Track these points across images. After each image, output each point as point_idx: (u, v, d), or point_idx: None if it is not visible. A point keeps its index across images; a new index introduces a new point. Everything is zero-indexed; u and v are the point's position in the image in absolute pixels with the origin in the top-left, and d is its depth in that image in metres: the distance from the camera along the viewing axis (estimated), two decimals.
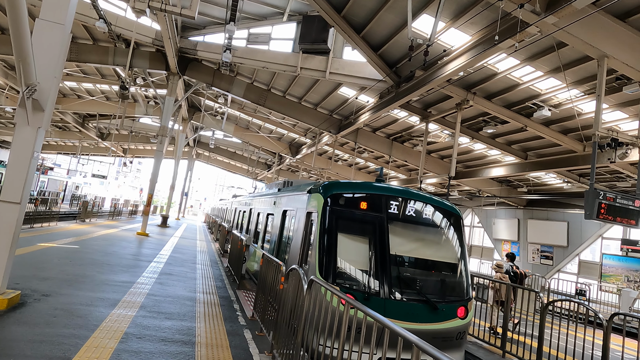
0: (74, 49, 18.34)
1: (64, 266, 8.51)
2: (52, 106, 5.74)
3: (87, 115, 33.55)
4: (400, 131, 20.53)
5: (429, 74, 12.87)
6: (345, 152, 27.05)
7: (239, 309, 7.32)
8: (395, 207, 6.50)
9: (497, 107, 14.07)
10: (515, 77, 12.55)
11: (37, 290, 6.30)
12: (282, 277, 5.32)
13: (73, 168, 49.58)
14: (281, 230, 9.07)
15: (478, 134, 17.15)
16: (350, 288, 5.89)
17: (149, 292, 7.41)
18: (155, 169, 19.72)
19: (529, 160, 18.07)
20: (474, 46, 10.93)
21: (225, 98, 24.41)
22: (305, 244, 6.99)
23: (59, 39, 5.63)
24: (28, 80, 5.14)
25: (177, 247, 15.82)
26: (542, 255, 23.60)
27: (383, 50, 13.56)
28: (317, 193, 6.75)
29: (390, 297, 5.88)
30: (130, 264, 10.09)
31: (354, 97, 17.94)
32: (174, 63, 17.87)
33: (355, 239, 6.34)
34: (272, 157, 38.12)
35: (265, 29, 16.92)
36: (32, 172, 5.50)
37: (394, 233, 6.33)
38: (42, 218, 16.30)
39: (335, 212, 6.31)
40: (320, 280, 4.32)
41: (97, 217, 24.48)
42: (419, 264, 6.38)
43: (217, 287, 9.09)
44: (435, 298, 6.11)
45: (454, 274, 6.58)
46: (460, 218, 7.04)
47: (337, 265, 6.01)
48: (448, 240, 6.77)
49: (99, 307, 5.98)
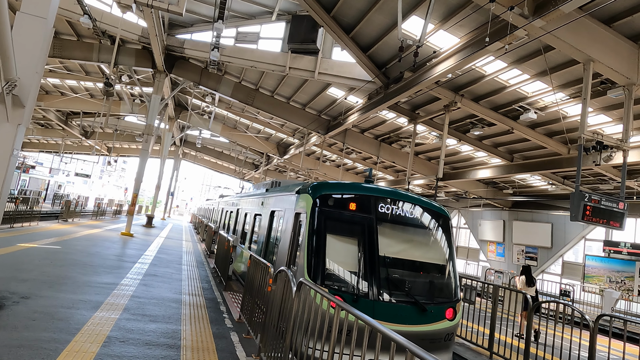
0: (57, 44, 17.94)
1: (44, 267, 8.27)
2: (33, 102, 5.56)
3: (71, 113, 32.92)
4: (388, 132, 20.59)
5: (417, 75, 12.91)
6: (334, 152, 27.04)
7: (226, 311, 7.20)
8: (384, 208, 6.46)
9: (485, 109, 14.19)
10: (503, 79, 12.67)
11: (15, 293, 6.09)
12: (270, 279, 5.23)
13: (56, 167, 48.57)
14: (269, 231, 8.98)
15: (465, 136, 17.29)
16: (339, 290, 5.83)
17: (133, 294, 7.24)
18: (140, 168, 19.41)
19: (514, 162, 18.29)
20: (463, 48, 10.99)
21: (213, 97, 24.17)
22: (294, 245, 6.91)
23: (40, 33, 5.46)
24: (8, 75, 4.96)
25: (162, 247, 15.57)
26: (526, 256, 23.90)
27: (372, 51, 13.56)
28: (306, 194, 6.68)
29: (379, 298, 5.84)
30: (113, 265, 9.88)
31: (342, 98, 17.92)
32: (160, 61, 17.61)
33: (344, 240, 6.29)
34: (260, 157, 37.92)
35: (254, 28, 16.78)
36: (11, 170, 5.31)
37: (382, 234, 6.30)
38: (23, 218, 15.90)
39: (324, 213, 6.25)
40: (309, 282, 4.25)
41: (80, 217, 24.01)
42: (407, 265, 6.35)
43: (203, 288, 8.94)
44: (424, 299, 6.09)
45: (442, 275, 6.57)
46: (449, 219, 7.04)
47: (325, 267, 5.95)
48: (436, 242, 6.77)
49: (80, 309, 5.81)
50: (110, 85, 13.53)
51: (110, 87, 13.58)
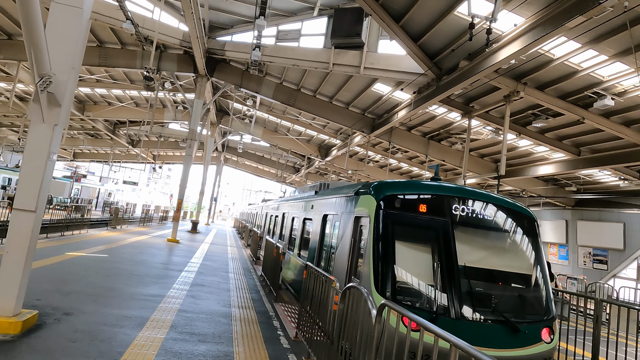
0: (102, 53, 18.17)
1: (90, 278, 7.92)
2: (71, 101, 5.09)
3: (118, 122, 33.83)
4: (437, 129, 19.39)
5: (475, 64, 11.79)
6: (377, 152, 26.02)
7: (280, 327, 6.50)
8: (461, 209, 5.55)
9: (551, 97, 12.81)
10: (574, 63, 11.31)
11: (58, 308, 5.66)
12: (337, 295, 4.45)
13: (105, 175, 50.44)
14: (322, 237, 8.23)
15: (525, 129, 15.86)
16: (412, 306, 4.97)
17: (180, 308, 6.68)
18: (184, 174, 19.30)
19: (582, 156, 16.61)
20: (531, 29, 9.82)
21: (254, 100, 23.86)
22: (354, 253, 6.11)
23: (76, 25, 4.98)
24: (41, 70, 4.49)
25: (208, 254, 15.22)
26: (594, 259, 21.84)
27: (423, 41, 12.56)
28: (368, 195, 5.87)
29: (461, 317, 4.92)
30: (160, 274, 9.47)
31: (389, 94, 16.96)
32: (202, 64, 17.39)
33: (415, 247, 5.42)
34: (301, 160, 37.45)
35: (294, 25, 16.20)
36: (48, 175, 4.84)
37: (461, 240, 5.38)
38: (74, 225, 16.06)
39: (391, 217, 5.41)
40: (395, 305, 3.41)
41: (128, 224, 24.34)
42: (492, 276, 5.38)
43: (253, 299, 8.31)
44: (515, 317, 5.11)
45: (533, 287, 5.55)
46: (536, 221, 6.02)
47: (396, 279, 5.10)
48: (524, 248, 5.76)
49: (124, 327, 5.28)
50: (150, 80, 13.16)
51: (150, 82, 13.22)
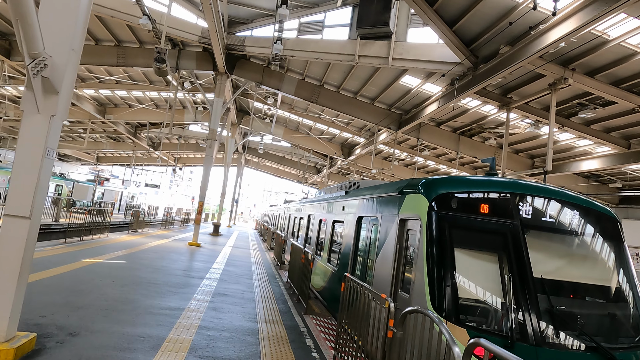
0: (120, 53, 17.75)
1: (104, 288, 7.26)
2: (71, 88, 4.37)
3: (139, 125, 33.73)
4: (469, 123, 18.26)
5: (517, 49, 10.75)
6: (403, 150, 24.97)
7: (314, 347, 5.66)
8: (532, 210, 4.61)
9: (602, 84, 11.63)
10: (631, 45, 10.15)
11: (63, 327, 4.96)
12: (391, 319, 3.58)
13: (127, 178, 50.75)
14: (356, 242, 7.37)
15: (569, 121, 14.64)
16: (479, 328, 4.07)
17: (201, 324, 5.92)
18: (205, 175, 18.72)
19: (632, 149, 15.26)
20: (584, 6, 8.75)
21: (275, 98, 23.17)
22: (400, 262, 5.23)
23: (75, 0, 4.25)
24: (32, 50, 3.77)
25: (230, 258, 14.54)
26: None
27: (459, 26, 11.58)
28: (417, 194, 4.98)
29: (543, 343, 3.98)
30: (179, 283, 8.77)
31: (418, 87, 15.96)
32: (221, 61, 16.75)
33: (479, 256, 4.49)
34: (323, 159, 36.63)
35: (317, 17, 15.39)
36: (45, 175, 4.12)
37: (534, 247, 4.45)
38: (95, 229, 15.59)
39: (447, 219, 4.52)
40: (493, 345, 2.49)
41: (149, 227, 23.96)
42: (575, 291, 4.42)
43: (280, 311, 7.50)
44: (607, 342, 4.14)
45: (625, 304, 4.56)
46: (619, 223, 5.03)
47: (457, 295, 4.20)
48: (609, 256, 4.77)
49: (136, 351, 4.53)
50: (162, 61, 12.40)
51: (162, 64, 12.45)
